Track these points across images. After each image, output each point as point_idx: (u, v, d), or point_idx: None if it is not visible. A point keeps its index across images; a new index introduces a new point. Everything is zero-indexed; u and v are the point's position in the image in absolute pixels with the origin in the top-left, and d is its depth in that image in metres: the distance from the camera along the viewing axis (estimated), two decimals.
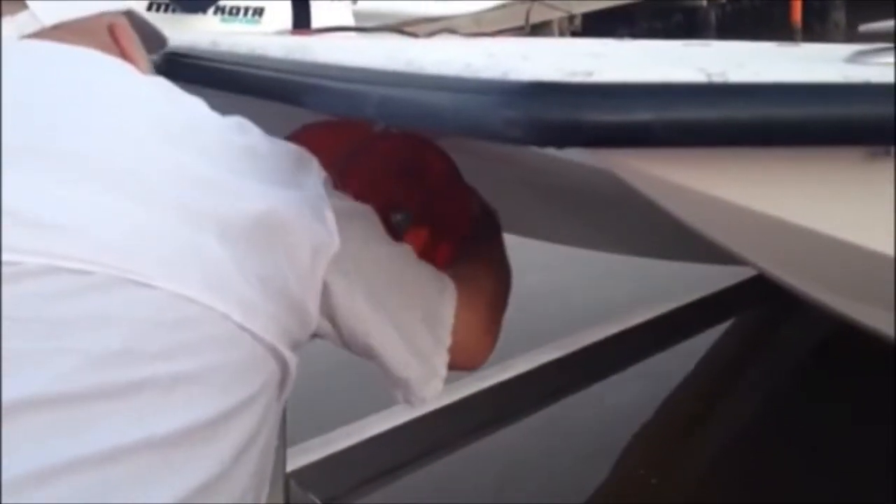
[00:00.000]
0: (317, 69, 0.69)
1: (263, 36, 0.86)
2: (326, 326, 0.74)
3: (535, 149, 0.57)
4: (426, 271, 0.81)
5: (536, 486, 1.59)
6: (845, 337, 1.39)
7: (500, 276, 0.94)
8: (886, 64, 0.60)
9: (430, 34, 1.51)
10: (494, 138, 0.53)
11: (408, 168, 0.95)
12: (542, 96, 0.50)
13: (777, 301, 2.06)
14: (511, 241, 1.04)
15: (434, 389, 0.80)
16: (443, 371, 0.80)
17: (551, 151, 0.54)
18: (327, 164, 0.73)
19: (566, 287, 2.49)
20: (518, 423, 1.78)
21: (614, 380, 1.93)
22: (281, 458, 1.21)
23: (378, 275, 0.75)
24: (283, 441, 1.18)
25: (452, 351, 0.80)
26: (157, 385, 0.58)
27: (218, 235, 0.62)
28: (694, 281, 2.25)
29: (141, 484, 0.56)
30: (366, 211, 0.76)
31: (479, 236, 0.98)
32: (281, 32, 1.11)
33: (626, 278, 2.45)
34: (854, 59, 0.64)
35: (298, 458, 1.47)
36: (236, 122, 0.71)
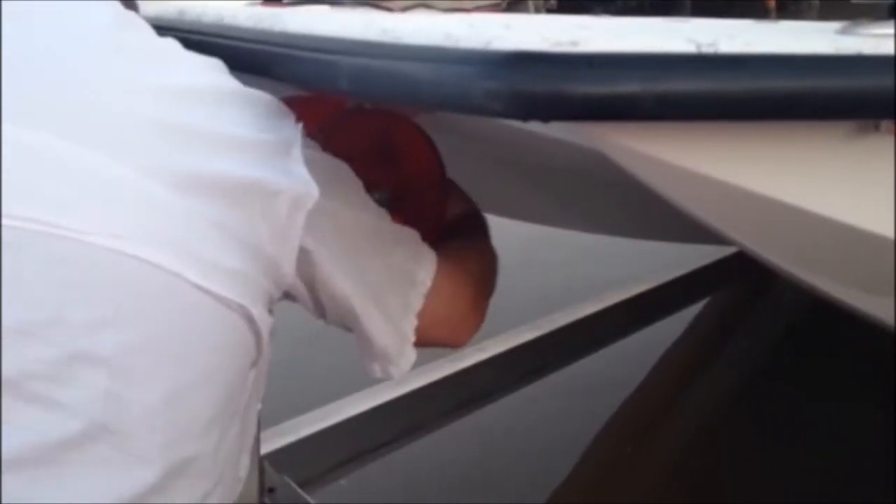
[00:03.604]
0: (285, 38, 0.65)
1: (232, 6, 0.82)
2: (301, 289, 0.68)
3: (515, 124, 0.55)
4: (404, 234, 0.77)
5: (515, 465, 1.59)
6: (820, 314, 1.39)
7: (484, 259, 0.90)
8: (879, 35, 0.59)
9: (405, 9, 1.48)
10: (475, 112, 0.50)
11: (384, 147, 0.92)
12: (526, 67, 0.47)
13: (752, 279, 2.07)
14: (488, 221, 1.02)
15: (409, 358, 0.77)
16: (412, 336, 0.76)
17: (532, 127, 0.51)
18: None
19: (543, 267, 2.48)
20: (496, 403, 1.78)
21: (592, 359, 1.94)
22: (255, 441, 1.19)
23: (359, 235, 0.71)
24: (257, 423, 1.16)
25: (434, 325, 0.77)
26: (91, 360, 0.51)
27: (174, 186, 0.55)
28: (670, 260, 2.26)
29: (85, 480, 0.51)
30: (342, 166, 0.71)
31: (460, 232, 0.93)
32: (251, 4, 1.06)
33: (603, 258, 2.46)
34: (846, 30, 0.62)
35: (273, 441, 1.46)
36: (210, 62, 0.65)
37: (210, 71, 0.65)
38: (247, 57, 0.66)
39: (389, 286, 0.74)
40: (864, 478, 1.45)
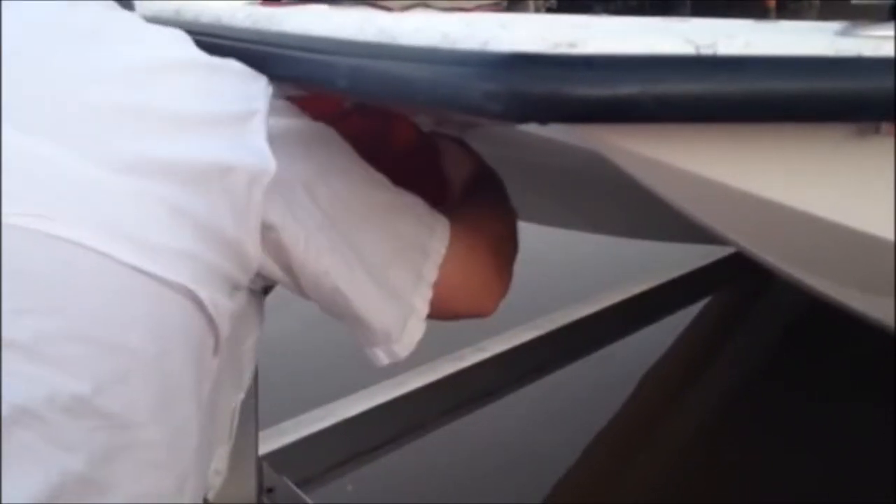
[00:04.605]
0: (282, 38, 0.65)
1: (230, 6, 0.82)
2: (276, 272, 0.65)
3: (514, 125, 0.55)
4: (409, 202, 0.72)
5: (515, 465, 1.58)
6: (820, 314, 1.39)
7: (502, 220, 0.85)
8: (879, 37, 0.58)
9: (405, 8, 1.48)
10: (472, 113, 0.50)
11: (383, 147, 0.92)
12: (524, 68, 0.47)
13: (752, 279, 2.07)
14: None
15: (413, 333, 0.71)
16: (422, 309, 0.71)
17: (531, 128, 0.51)
18: None
19: (543, 267, 2.48)
20: (496, 403, 1.78)
21: (592, 359, 1.93)
22: (254, 441, 1.19)
23: (347, 206, 0.66)
24: (256, 423, 1.16)
25: (454, 295, 0.72)
26: (10, 346, 0.49)
27: (118, 169, 0.54)
28: (670, 260, 2.26)
29: (9, 466, 0.49)
30: (327, 131, 0.68)
31: (474, 194, 0.88)
32: (249, 3, 1.06)
33: (603, 258, 2.45)
34: (846, 31, 0.62)
35: (272, 441, 1.46)
36: (171, 34, 0.63)
37: (169, 43, 0.63)
38: (244, 57, 0.66)
39: (393, 259, 0.70)
40: (864, 478, 1.45)
